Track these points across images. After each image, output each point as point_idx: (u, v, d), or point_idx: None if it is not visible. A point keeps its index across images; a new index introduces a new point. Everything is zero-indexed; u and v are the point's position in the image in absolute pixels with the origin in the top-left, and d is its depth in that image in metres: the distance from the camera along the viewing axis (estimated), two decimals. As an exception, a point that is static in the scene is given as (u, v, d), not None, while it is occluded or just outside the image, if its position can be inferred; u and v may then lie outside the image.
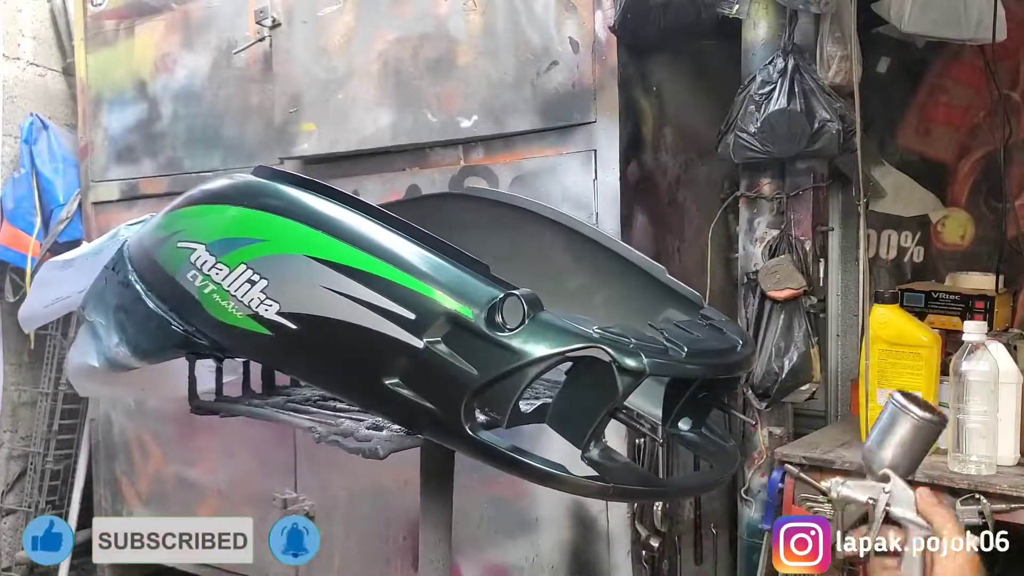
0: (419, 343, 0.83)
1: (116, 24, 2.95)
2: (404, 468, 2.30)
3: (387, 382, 0.86)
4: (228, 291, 0.94)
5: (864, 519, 1.66)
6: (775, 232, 1.93)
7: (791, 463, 1.76)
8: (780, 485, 1.77)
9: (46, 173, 3.18)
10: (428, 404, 0.85)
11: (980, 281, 2.09)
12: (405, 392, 0.86)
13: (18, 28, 3.33)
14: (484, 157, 2.18)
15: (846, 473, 1.70)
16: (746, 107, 1.84)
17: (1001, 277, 2.07)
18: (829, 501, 1.71)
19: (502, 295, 0.82)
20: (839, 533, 1.69)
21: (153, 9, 2.84)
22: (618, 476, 0.85)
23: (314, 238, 0.90)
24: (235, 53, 2.60)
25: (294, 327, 0.90)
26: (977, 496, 1.53)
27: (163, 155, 2.85)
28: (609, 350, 0.80)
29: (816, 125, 1.78)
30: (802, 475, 1.75)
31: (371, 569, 2.44)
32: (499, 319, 0.81)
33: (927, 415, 0.92)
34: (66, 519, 3.16)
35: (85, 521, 3.14)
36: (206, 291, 0.96)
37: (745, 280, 1.97)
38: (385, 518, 2.41)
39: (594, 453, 0.84)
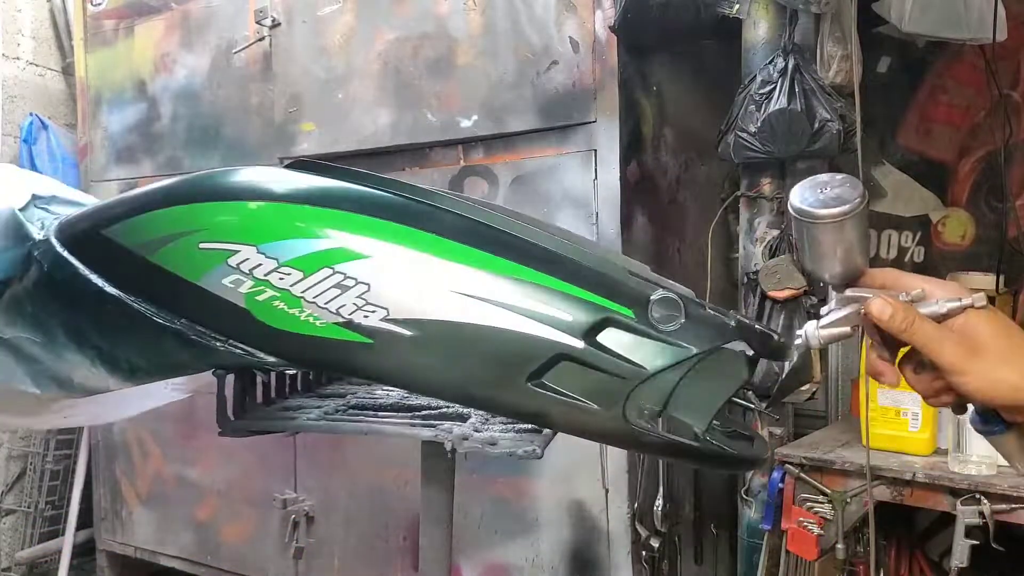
0: (579, 343, 0.84)
1: (116, 24, 2.95)
2: (404, 468, 2.31)
3: (531, 383, 0.86)
4: (301, 298, 0.87)
5: (864, 519, 1.66)
6: (775, 232, 1.93)
7: (791, 463, 1.76)
8: (780, 485, 1.77)
9: (46, 173, 3.18)
10: (583, 402, 0.85)
11: (980, 281, 2.09)
12: (552, 392, 0.86)
13: (18, 28, 3.33)
14: (484, 157, 2.18)
15: (846, 473, 1.70)
16: (746, 107, 1.83)
17: (1001, 277, 2.07)
18: (830, 500, 1.71)
19: (659, 295, 0.85)
20: (840, 533, 1.70)
21: (153, 9, 2.84)
22: (739, 448, 0.91)
23: (433, 241, 0.87)
24: (235, 53, 2.60)
25: (408, 333, 0.86)
26: (977, 496, 1.53)
27: (163, 155, 2.85)
28: (750, 340, 0.85)
29: (816, 125, 1.77)
30: (802, 475, 1.76)
31: (371, 569, 2.44)
32: (656, 316, 0.84)
33: (838, 209, 0.71)
34: (65, 519, 3.16)
35: (85, 521, 3.15)
36: (260, 298, 0.88)
37: (745, 280, 1.96)
38: (385, 518, 2.41)
39: (710, 433, 0.88)
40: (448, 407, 1.09)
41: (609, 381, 0.84)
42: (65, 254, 0.99)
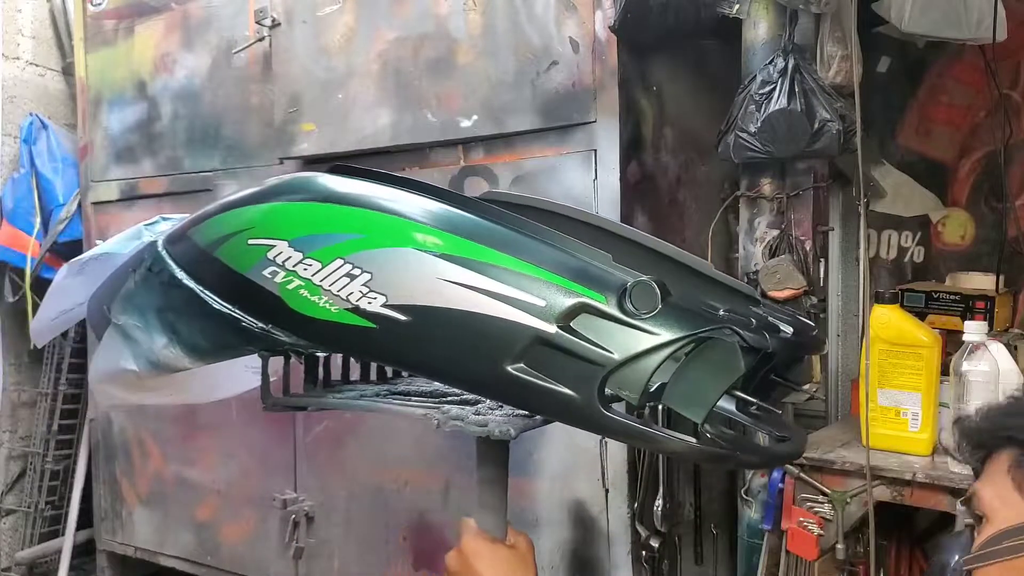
0: (551, 328, 0.87)
1: (116, 24, 2.95)
2: (404, 469, 2.31)
3: (511, 368, 0.88)
4: (320, 286, 0.95)
5: (864, 519, 1.66)
6: (775, 232, 1.93)
7: (791, 463, 1.76)
8: (780, 485, 1.77)
9: (46, 173, 3.18)
10: (558, 387, 0.88)
11: (980, 281, 2.09)
12: (530, 377, 0.88)
13: (18, 28, 3.33)
14: (484, 157, 2.18)
15: (846, 473, 1.70)
16: (746, 107, 1.83)
17: (1001, 277, 2.07)
18: (830, 501, 1.71)
19: (633, 281, 0.87)
20: (840, 533, 1.70)
21: (153, 9, 2.84)
22: (736, 444, 0.93)
23: (424, 232, 0.93)
24: (235, 53, 2.60)
25: (404, 318, 0.91)
26: (978, 496, 1.53)
27: (163, 155, 2.85)
28: (739, 330, 0.85)
29: (816, 125, 1.77)
30: (802, 475, 1.76)
31: (371, 569, 2.44)
32: (630, 304, 0.86)
33: None
34: (66, 519, 3.16)
35: (85, 521, 3.15)
36: (290, 287, 0.96)
37: (745, 280, 1.97)
38: (385, 518, 2.41)
39: (707, 428, 0.89)
40: (454, 396, 1.12)
41: (582, 366, 0.87)
42: (163, 253, 1.13)
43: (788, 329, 1.00)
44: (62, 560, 3.09)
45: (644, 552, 2.03)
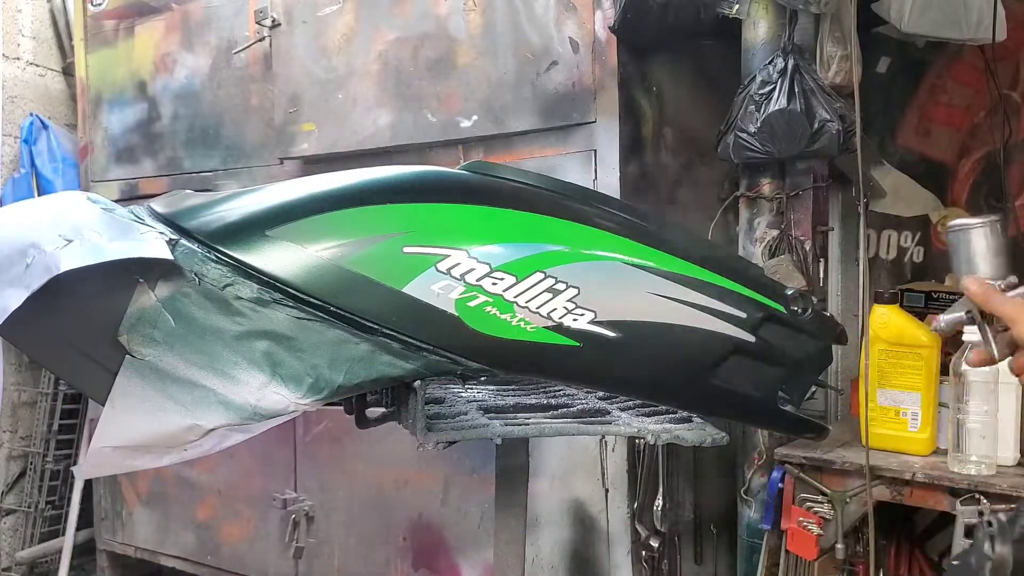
0: (751, 337, 0.91)
1: (116, 24, 2.95)
2: (404, 469, 2.31)
3: (713, 378, 0.92)
4: (513, 303, 0.85)
5: (864, 519, 1.66)
6: (775, 232, 1.93)
7: (791, 463, 1.76)
8: (780, 485, 1.77)
9: (46, 173, 3.18)
10: (748, 391, 0.93)
11: (980, 281, 2.08)
12: (724, 384, 0.92)
13: (18, 28, 3.33)
14: (484, 157, 2.18)
15: (846, 473, 1.70)
16: (746, 107, 1.83)
17: (1001, 277, 2.07)
18: (829, 500, 1.71)
19: (791, 290, 0.94)
20: (840, 533, 1.70)
21: (153, 9, 2.84)
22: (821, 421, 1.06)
23: (629, 246, 0.90)
24: (235, 53, 2.60)
25: (613, 335, 0.88)
26: (977, 496, 1.53)
27: (163, 155, 2.85)
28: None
29: (816, 125, 1.77)
30: (802, 475, 1.76)
31: (371, 569, 2.44)
32: (795, 311, 0.93)
33: (982, 219, 1.00)
34: (66, 519, 3.16)
35: (85, 521, 3.15)
36: (471, 304, 0.85)
37: (745, 280, 1.96)
38: (385, 518, 2.41)
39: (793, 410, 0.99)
40: (585, 405, 1.10)
41: (767, 371, 0.93)
42: (228, 261, 0.88)
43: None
44: (62, 560, 3.09)
45: (644, 552, 2.03)
